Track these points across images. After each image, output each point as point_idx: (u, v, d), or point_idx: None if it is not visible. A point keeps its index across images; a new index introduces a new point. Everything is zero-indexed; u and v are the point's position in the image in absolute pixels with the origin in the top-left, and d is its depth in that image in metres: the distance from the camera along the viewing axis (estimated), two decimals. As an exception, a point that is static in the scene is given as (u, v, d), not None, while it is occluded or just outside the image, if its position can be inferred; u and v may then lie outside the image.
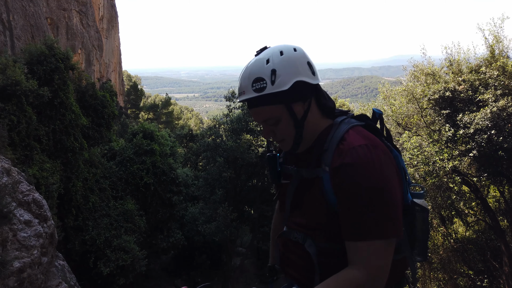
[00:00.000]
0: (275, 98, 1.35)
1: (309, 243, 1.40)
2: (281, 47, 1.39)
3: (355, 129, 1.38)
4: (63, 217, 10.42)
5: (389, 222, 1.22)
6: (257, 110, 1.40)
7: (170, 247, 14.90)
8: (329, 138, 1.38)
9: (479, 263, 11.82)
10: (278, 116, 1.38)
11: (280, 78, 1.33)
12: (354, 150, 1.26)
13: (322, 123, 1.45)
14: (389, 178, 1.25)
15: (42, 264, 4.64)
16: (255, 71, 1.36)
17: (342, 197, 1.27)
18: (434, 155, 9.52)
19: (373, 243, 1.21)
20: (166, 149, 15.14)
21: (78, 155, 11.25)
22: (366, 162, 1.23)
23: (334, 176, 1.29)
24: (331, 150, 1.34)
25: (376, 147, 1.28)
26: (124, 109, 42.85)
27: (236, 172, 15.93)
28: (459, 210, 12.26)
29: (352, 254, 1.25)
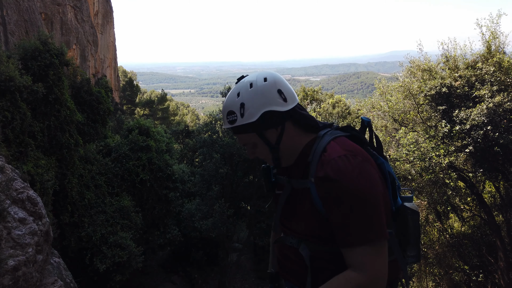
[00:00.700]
0: (246, 128, 1.49)
1: (303, 246, 1.50)
2: (251, 79, 1.49)
3: (337, 140, 1.47)
4: (58, 214, 10.36)
5: (374, 226, 1.32)
6: (236, 136, 1.57)
7: (167, 243, 14.87)
8: (312, 151, 1.48)
9: (474, 258, 11.90)
10: (253, 142, 1.53)
11: (249, 111, 1.45)
12: (333, 161, 1.37)
13: (304, 138, 1.54)
14: (368, 186, 1.34)
15: (37, 262, 4.60)
16: (228, 104, 1.51)
17: (328, 208, 1.38)
18: (430, 151, 9.54)
19: (364, 247, 1.32)
20: (162, 145, 15.07)
21: (74, 152, 11.17)
22: (345, 172, 1.33)
23: (319, 188, 1.40)
24: (315, 162, 1.44)
25: (355, 156, 1.38)
26: (120, 105, 42.62)
27: (232, 168, 15.90)
28: (454, 205, 12.32)
29: (349, 259, 1.36)
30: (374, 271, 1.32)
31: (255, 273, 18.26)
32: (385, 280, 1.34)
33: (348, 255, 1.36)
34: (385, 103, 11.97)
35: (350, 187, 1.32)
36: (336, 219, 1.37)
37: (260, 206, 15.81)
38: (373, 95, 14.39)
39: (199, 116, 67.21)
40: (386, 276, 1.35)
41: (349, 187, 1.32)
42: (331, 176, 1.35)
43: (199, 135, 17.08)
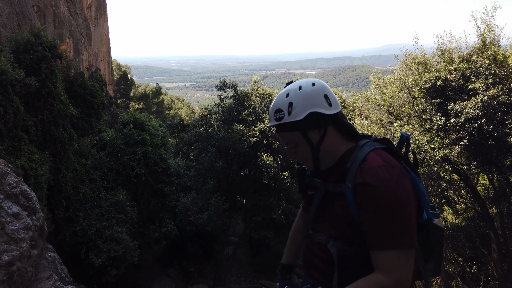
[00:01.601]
0: (291, 126, 1.61)
1: (331, 244, 1.60)
2: (301, 83, 1.63)
3: (376, 151, 1.57)
4: (53, 208, 10.30)
5: (405, 233, 1.41)
6: (280, 134, 1.68)
7: (162, 237, 14.87)
8: (351, 158, 1.57)
9: (468, 250, 12.02)
10: (296, 140, 1.64)
11: (296, 110, 1.58)
12: (373, 170, 1.46)
13: (343, 145, 1.66)
14: (404, 195, 1.43)
15: (32, 257, 4.57)
16: (277, 103, 1.63)
17: (364, 212, 1.47)
18: (425, 144, 9.57)
19: (394, 252, 1.40)
20: (157, 139, 15.01)
21: (68, 146, 11.08)
22: (384, 181, 1.43)
23: (356, 193, 1.49)
24: (354, 169, 1.53)
25: (393, 168, 1.47)
26: (114, 99, 42.33)
27: (228, 162, 15.88)
28: (449, 198, 12.40)
29: (376, 261, 1.44)
30: (400, 276, 1.39)
31: (251, 266, 18.32)
32: (408, 286, 1.42)
33: (377, 257, 1.44)
34: (380, 96, 11.98)
35: (388, 194, 1.41)
36: (370, 223, 1.45)
37: (255, 200, 15.83)
38: (368, 88, 14.40)
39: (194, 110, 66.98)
40: (409, 282, 1.43)
41: (387, 194, 1.41)
42: (370, 182, 1.44)
43: (194, 129, 17.03)
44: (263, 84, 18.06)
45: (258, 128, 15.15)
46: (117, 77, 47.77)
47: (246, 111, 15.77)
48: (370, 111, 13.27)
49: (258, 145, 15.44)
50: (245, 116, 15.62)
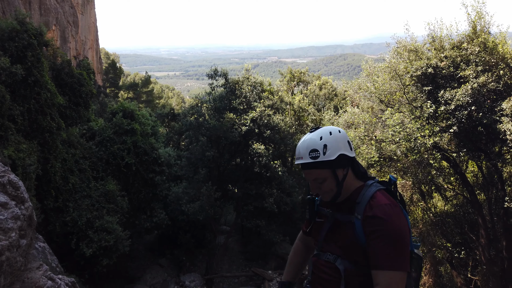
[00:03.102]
0: (325, 165, 1.92)
1: (339, 262, 1.93)
2: (329, 129, 1.98)
3: (381, 191, 1.93)
4: (42, 199, 10.17)
5: (404, 259, 1.75)
6: (311, 171, 1.96)
7: (154, 227, 14.84)
8: (361, 194, 1.93)
9: (456, 236, 12.21)
10: (325, 177, 1.94)
11: (330, 151, 1.90)
12: (382, 207, 1.82)
13: (355, 183, 2.01)
14: (404, 228, 1.79)
15: (21, 247, 4.49)
16: (312, 144, 1.93)
17: (372, 239, 1.79)
18: (415, 131, 9.61)
19: (392, 273, 1.73)
20: (147, 128, 14.86)
21: (56, 135, 10.91)
22: (390, 216, 1.78)
23: (366, 224, 1.83)
24: (363, 204, 1.88)
25: (396, 206, 1.86)
26: (103, 88, 41.72)
27: (219, 151, 15.82)
28: (438, 185, 12.54)
29: (377, 279, 1.75)
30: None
31: (243, 254, 18.43)
32: None
33: (378, 276, 1.75)
34: (372, 84, 11.97)
35: (393, 225, 1.76)
36: (376, 247, 1.77)
37: (247, 189, 15.84)
38: (359, 76, 14.38)
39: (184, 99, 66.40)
40: None
41: (393, 225, 1.76)
42: (380, 215, 1.79)
43: (185, 118, 16.89)
44: (254, 72, 17.94)
45: (250, 117, 15.08)
46: (105, 66, 47.01)
47: (237, 99, 15.67)
48: (361, 99, 13.28)
49: (250, 134, 15.39)
50: (236, 105, 15.53)
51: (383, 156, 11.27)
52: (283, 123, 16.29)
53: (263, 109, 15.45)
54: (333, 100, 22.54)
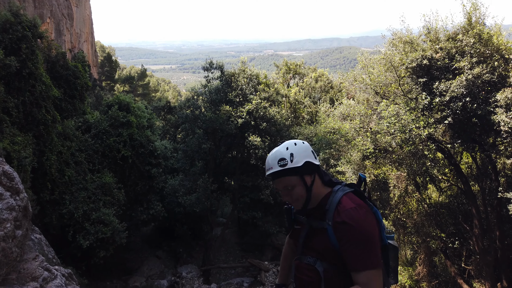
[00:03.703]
0: (292, 171, 2.06)
1: (318, 264, 2.09)
2: (294, 141, 2.15)
3: (347, 195, 2.08)
4: (38, 191, 10.16)
5: (375, 258, 1.93)
6: (280, 179, 2.10)
7: (151, 219, 14.88)
8: (329, 201, 2.08)
9: (450, 226, 12.33)
10: (294, 183, 2.08)
11: (296, 159, 2.06)
12: (348, 211, 1.96)
13: (323, 190, 2.16)
14: (371, 229, 1.96)
15: (17, 238, 4.50)
16: (279, 154, 2.10)
17: (343, 244, 1.96)
18: (410, 123, 9.65)
19: (368, 272, 1.90)
20: (143, 121, 14.82)
21: (51, 128, 10.86)
22: (356, 220, 1.94)
23: (336, 230, 1.99)
24: (332, 210, 2.03)
25: (361, 208, 2.00)
26: (99, 81, 41.49)
27: (215, 144, 15.84)
28: (433, 176, 12.63)
29: (356, 279, 1.93)
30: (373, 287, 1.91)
31: (239, 246, 18.54)
32: None
33: (356, 276, 1.94)
34: (367, 76, 11.99)
35: (360, 229, 1.92)
36: (348, 252, 1.94)
37: (243, 181, 15.89)
38: (355, 68, 14.38)
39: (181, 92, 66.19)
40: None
41: (360, 229, 1.92)
42: (347, 221, 1.94)
43: (181, 111, 16.86)
44: (250, 65, 17.89)
45: (246, 109, 15.08)
46: (101, 59, 46.71)
47: (233, 92, 15.65)
48: (356, 91, 13.30)
49: (246, 126, 15.40)
50: (232, 97, 15.51)
51: (378, 148, 11.32)
52: (279, 115, 16.31)
53: (259, 102, 15.45)
54: (328, 92, 22.55)
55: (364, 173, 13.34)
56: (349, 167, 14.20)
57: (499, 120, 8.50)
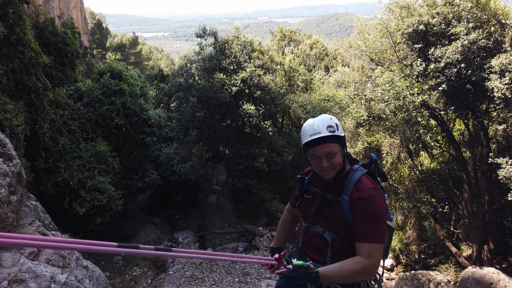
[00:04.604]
0: (338, 139, 2.22)
1: (327, 234, 2.32)
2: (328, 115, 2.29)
3: (366, 175, 2.29)
4: (32, 159, 10.16)
5: (383, 234, 2.16)
6: (327, 145, 2.21)
7: (146, 187, 15.01)
8: (349, 178, 2.27)
9: (441, 192, 12.59)
10: (336, 151, 2.22)
11: (340, 129, 2.24)
12: (367, 190, 2.17)
13: (347, 166, 2.34)
14: (385, 207, 2.18)
15: (12, 203, 4.55)
16: (327, 121, 2.23)
17: (358, 217, 2.16)
18: (405, 90, 9.63)
19: (374, 245, 2.10)
20: (136, 89, 14.64)
21: (42, 96, 10.72)
22: (375, 197, 2.15)
23: (353, 204, 2.18)
24: (350, 187, 2.23)
25: (378, 189, 2.24)
26: (89, 49, 40.58)
27: (209, 112, 15.76)
28: (425, 143, 12.76)
29: (360, 249, 2.12)
30: (374, 260, 2.10)
31: (234, 212, 18.88)
32: (378, 268, 2.20)
33: (361, 247, 2.12)
34: (363, 42, 11.83)
35: (376, 206, 2.13)
36: (361, 224, 2.13)
37: (238, 149, 15.96)
38: (351, 34, 14.16)
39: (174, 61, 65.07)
40: (379, 264, 2.21)
41: (376, 206, 2.13)
42: (366, 198, 2.14)
43: (175, 79, 16.65)
44: (244, 32, 17.52)
45: (240, 77, 14.91)
46: (91, 26, 45.50)
47: (227, 59, 15.42)
48: (352, 58, 13.15)
49: (240, 95, 15.28)
50: (226, 65, 15.30)
51: (372, 115, 11.35)
52: (274, 83, 16.16)
53: (253, 69, 15.26)
54: (323, 60, 22.28)
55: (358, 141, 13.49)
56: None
57: (493, 87, 8.49)
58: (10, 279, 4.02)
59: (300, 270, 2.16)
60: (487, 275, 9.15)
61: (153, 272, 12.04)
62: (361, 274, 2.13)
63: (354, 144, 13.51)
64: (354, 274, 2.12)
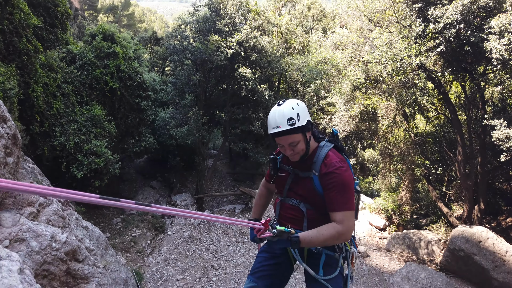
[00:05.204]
0: (300, 129, 2.40)
1: (302, 205, 2.57)
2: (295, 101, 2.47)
3: (331, 150, 2.52)
4: (27, 123, 10.10)
5: (351, 201, 2.37)
6: (288, 136, 2.40)
7: (143, 151, 15.05)
8: (317, 155, 2.51)
9: (435, 154, 12.76)
10: (298, 140, 2.42)
11: (301, 118, 2.40)
12: (334, 164, 2.40)
13: (314, 144, 2.57)
14: (351, 177, 2.42)
15: (9, 165, 4.58)
16: (288, 114, 2.38)
17: (328, 189, 2.39)
18: (402, 51, 9.51)
19: (346, 212, 2.34)
20: (129, 52, 14.31)
21: (34, 59, 10.48)
22: (341, 170, 2.38)
23: (322, 178, 2.41)
24: (319, 163, 2.46)
25: (343, 161, 2.46)
26: (80, 10, 39.32)
27: (205, 76, 15.56)
28: (421, 106, 12.77)
29: (334, 218, 2.36)
30: (347, 225, 2.33)
31: (231, 176, 19.12)
32: (352, 231, 2.42)
33: (334, 215, 2.36)
34: (361, 1, 11.53)
35: (343, 178, 2.36)
36: (331, 196, 2.36)
37: (234, 113, 15.91)
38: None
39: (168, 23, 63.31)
40: (353, 229, 2.43)
41: (343, 179, 2.36)
42: (334, 171, 2.37)
43: (169, 42, 16.30)
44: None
45: (235, 39, 14.60)
46: (81, -15, 43.81)
47: (222, 20, 15.03)
48: (350, 19, 12.87)
49: (236, 57, 15.04)
50: (221, 27, 14.94)
51: (369, 78, 11.27)
52: (270, 45, 15.86)
53: (249, 31, 14.92)
54: (321, 21, 21.77)
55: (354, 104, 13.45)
56: (339, 98, 14.23)
57: (492, 48, 8.40)
58: (11, 238, 4.12)
59: (283, 235, 2.36)
60: (476, 233, 9.46)
61: (152, 233, 12.34)
62: (336, 238, 2.34)
63: (350, 108, 13.51)
64: (330, 238, 2.34)
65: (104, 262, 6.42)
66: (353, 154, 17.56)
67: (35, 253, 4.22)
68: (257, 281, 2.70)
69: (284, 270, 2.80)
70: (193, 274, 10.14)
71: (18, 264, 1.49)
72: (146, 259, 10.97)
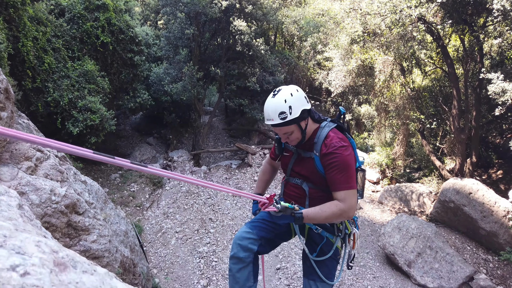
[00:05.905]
0: (292, 122, 2.44)
1: (304, 184, 2.66)
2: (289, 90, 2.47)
3: (333, 130, 2.55)
4: (19, 78, 9.93)
5: (353, 180, 2.43)
6: (281, 128, 2.48)
7: (138, 108, 14.96)
8: (317, 136, 2.55)
9: (430, 108, 12.79)
10: (292, 130, 2.50)
11: (294, 110, 2.41)
12: (334, 144, 2.44)
13: (313, 126, 2.61)
14: (351, 159, 2.45)
15: (3, 119, 4.56)
16: (279, 107, 2.41)
17: (329, 169, 2.45)
18: (402, 2, 9.25)
19: (348, 191, 2.40)
20: (120, 4, 13.78)
21: (22, 11, 10.10)
22: (341, 150, 2.42)
23: (323, 158, 2.47)
24: (319, 143, 2.51)
25: (344, 141, 2.48)
26: (66, -40, 37.30)
27: (199, 30, 15.14)
28: (419, 59, 12.61)
29: (336, 196, 2.43)
30: (350, 203, 2.39)
31: (227, 132, 19.19)
32: (355, 209, 2.45)
33: (336, 194, 2.43)
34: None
35: (343, 158, 2.40)
36: (332, 175, 2.43)
37: (229, 69, 15.67)
38: None
39: (159, -27, 60.45)
40: (356, 207, 2.46)
41: (343, 158, 2.40)
42: (334, 152, 2.42)
43: (160, -7, 15.69)
44: None
45: (230, -10, 14.06)
46: None
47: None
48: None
49: (231, 10, 14.57)
50: (215, -24, 14.32)
51: (367, 31, 11.03)
52: (266, -3, 15.33)
53: (244, -19, 14.35)
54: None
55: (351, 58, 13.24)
56: (336, 52, 14.00)
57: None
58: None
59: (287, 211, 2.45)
60: (466, 186, 9.72)
61: (150, 188, 12.56)
62: (338, 215, 2.41)
63: (347, 62, 13.34)
64: (331, 215, 2.40)
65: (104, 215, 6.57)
66: (349, 109, 17.55)
67: (36, 205, 4.31)
68: (253, 229, 2.80)
69: (282, 233, 2.90)
70: (192, 226, 10.47)
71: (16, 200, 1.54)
72: (145, 213, 11.26)
